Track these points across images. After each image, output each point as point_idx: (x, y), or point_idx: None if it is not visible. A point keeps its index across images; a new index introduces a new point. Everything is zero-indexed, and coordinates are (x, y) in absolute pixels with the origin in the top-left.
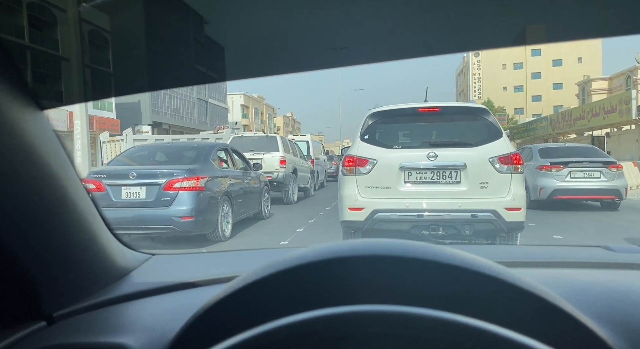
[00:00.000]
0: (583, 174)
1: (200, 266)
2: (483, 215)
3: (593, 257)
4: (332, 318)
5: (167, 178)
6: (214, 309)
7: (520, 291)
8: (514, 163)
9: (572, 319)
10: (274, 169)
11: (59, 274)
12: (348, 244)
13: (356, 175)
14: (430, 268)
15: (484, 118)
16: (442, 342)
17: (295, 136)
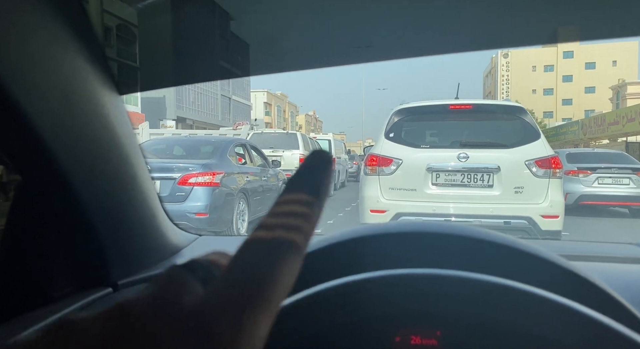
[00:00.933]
0: (611, 180)
1: None
2: (517, 222)
3: (625, 253)
4: (375, 280)
5: (182, 173)
6: None
7: (552, 264)
8: (552, 167)
9: (608, 296)
10: (294, 167)
11: (124, 245)
12: (394, 223)
13: (379, 176)
14: (498, 248)
15: (521, 118)
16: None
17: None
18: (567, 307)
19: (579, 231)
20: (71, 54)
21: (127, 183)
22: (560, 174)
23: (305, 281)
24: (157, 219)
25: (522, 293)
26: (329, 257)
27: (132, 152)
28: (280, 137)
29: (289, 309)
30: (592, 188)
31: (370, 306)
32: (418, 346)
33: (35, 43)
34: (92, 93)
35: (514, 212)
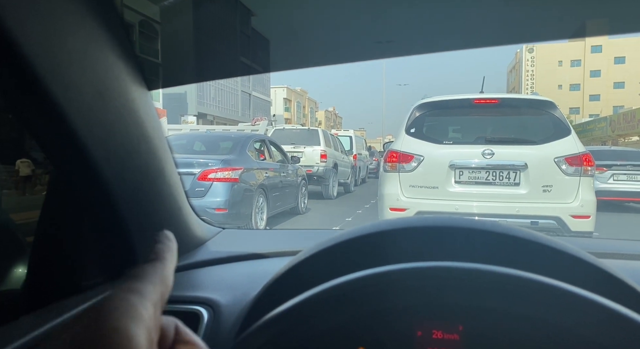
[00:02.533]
0: (626, 177)
1: (265, 240)
2: (545, 222)
3: None
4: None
5: (202, 168)
6: (290, 273)
7: (580, 261)
8: (583, 165)
9: (636, 293)
10: (315, 163)
11: (152, 237)
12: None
13: (399, 172)
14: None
15: (550, 113)
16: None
17: (338, 131)
18: (593, 301)
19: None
20: (105, 51)
21: (156, 177)
22: (591, 172)
23: (331, 272)
24: (183, 212)
25: (547, 286)
26: (355, 250)
27: (161, 147)
28: (301, 133)
29: (315, 300)
30: (607, 184)
31: (394, 298)
32: (440, 340)
33: (72, 42)
34: (124, 90)
35: (542, 212)
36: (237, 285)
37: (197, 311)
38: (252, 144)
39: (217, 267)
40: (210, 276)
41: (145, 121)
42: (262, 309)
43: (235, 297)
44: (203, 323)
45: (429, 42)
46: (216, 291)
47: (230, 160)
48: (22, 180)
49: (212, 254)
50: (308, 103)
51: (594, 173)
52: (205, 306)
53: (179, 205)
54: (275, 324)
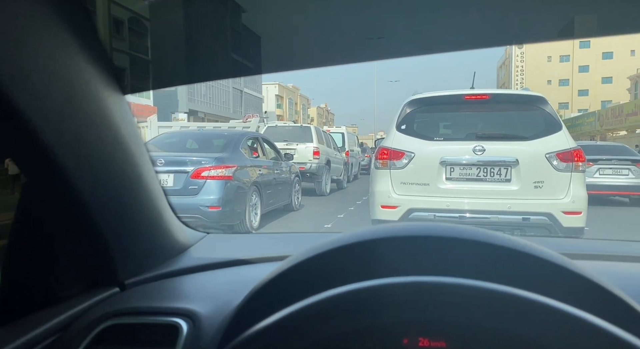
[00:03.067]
0: (612, 171)
1: (252, 245)
2: (536, 218)
3: (639, 251)
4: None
5: (195, 166)
6: (274, 282)
7: (566, 271)
8: (574, 160)
9: (621, 302)
10: (307, 160)
11: (130, 245)
12: (401, 225)
13: (390, 169)
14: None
15: (541, 108)
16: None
17: (331, 127)
18: (574, 317)
19: (591, 221)
20: (74, 56)
21: (133, 183)
22: (583, 167)
23: (318, 282)
24: (163, 218)
25: (524, 301)
26: (342, 259)
27: (137, 152)
28: (294, 130)
29: (300, 314)
30: (593, 178)
31: (376, 315)
32: (426, 348)
33: (38, 46)
34: (96, 95)
35: (534, 208)
36: (219, 294)
37: (175, 324)
38: (245, 142)
39: (200, 275)
40: (192, 284)
41: (121, 127)
42: (244, 321)
43: (217, 307)
44: (182, 336)
45: (419, 44)
46: (197, 301)
47: (224, 158)
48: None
49: (195, 261)
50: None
51: (585, 168)
52: (184, 317)
53: (159, 211)
54: (257, 339)
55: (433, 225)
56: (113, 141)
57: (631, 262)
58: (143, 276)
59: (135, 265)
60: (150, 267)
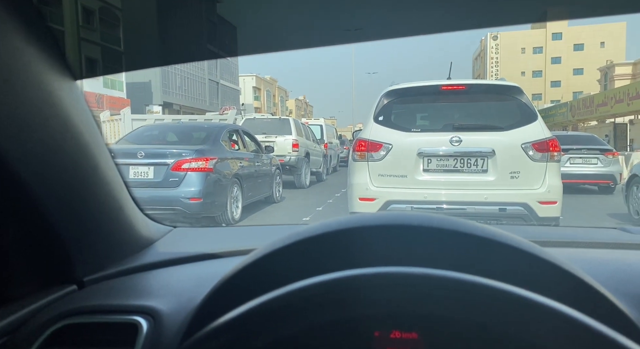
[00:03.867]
0: (582, 160)
1: (220, 239)
2: (513, 208)
3: (610, 238)
4: (350, 279)
5: (176, 159)
6: (238, 276)
7: (537, 258)
8: (550, 150)
9: (590, 288)
10: (287, 152)
11: (88, 240)
12: (369, 215)
13: (368, 162)
14: (449, 236)
15: (517, 99)
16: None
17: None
18: (545, 307)
19: None
20: (10, 36)
21: (88, 175)
22: (558, 157)
23: (284, 275)
24: (124, 211)
25: (494, 291)
26: (309, 250)
27: (92, 142)
28: (272, 123)
29: (264, 309)
30: (565, 167)
31: (345, 308)
32: (398, 339)
33: None
34: (40, 80)
35: (510, 198)
36: (183, 290)
37: (135, 322)
38: (225, 134)
39: (164, 270)
40: (155, 281)
41: (72, 114)
42: (207, 317)
43: (180, 304)
44: (142, 335)
45: (396, 27)
46: (159, 297)
47: (204, 150)
48: None
49: (159, 256)
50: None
51: (560, 158)
52: (144, 315)
53: (120, 204)
54: (219, 335)
55: (403, 213)
56: (63, 130)
57: (600, 249)
58: (103, 272)
59: (94, 261)
60: (111, 263)
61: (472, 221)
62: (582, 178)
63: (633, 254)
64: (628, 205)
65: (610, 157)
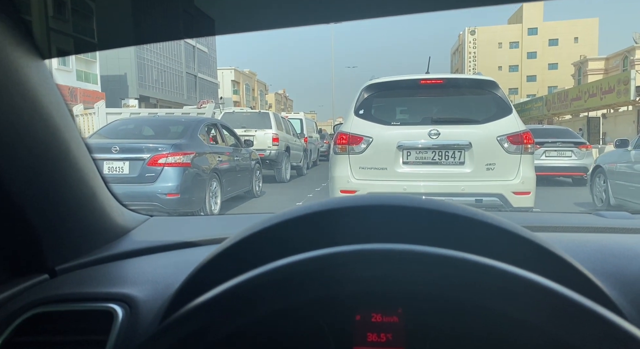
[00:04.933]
0: (556, 153)
1: (197, 227)
2: (488, 199)
3: (586, 222)
4: (328, 257)
5: (152, 153)
6: (216, 261)
7: (516, 236)
8: (524, 143)
9: (569, 265)
10: (266, 146)
11: (60, 228)
12: (349, 197)
13: (349, 155)
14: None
15: (493, 93)
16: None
17: (289, 113)
18: (529, 280)
19: None
20: None
21: (58, 159)
22: (531, 149)
23: (262, 258)
24: (98, 199)
25: (480, 266)
26: (285, 234)
27: (63, 125)
28: (252, 117)
29: (238, 290)
30: (540, 160)
31: (323, 287)
32: (379, 323)
33: None
34: (5, 57)
35: (486, 189)
36: (159, 278)
37: (110, 309)
38: (203, 128)
39: (139, 259)
40: (130, 269)
41: (40, 95)
42: (185, 303)
43: (156, 291)
44: (117, 322)
45: (377, 5)
46: (135, 285)
47: (181, 145)
48: None
49: (136, 244)
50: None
51: (534, 150)
52: (120, 303)
53: (93, 191)
54: (195, 316)
55: (381, 194)
56: (31, 111)
57: (577, 232)
58: (76, 261)
59: (66, 249)
60: (85, 252)
61: (454, 202)
62: (557, 170)
63: (608, 237)
64: (592, 194)
65: (584, 149)
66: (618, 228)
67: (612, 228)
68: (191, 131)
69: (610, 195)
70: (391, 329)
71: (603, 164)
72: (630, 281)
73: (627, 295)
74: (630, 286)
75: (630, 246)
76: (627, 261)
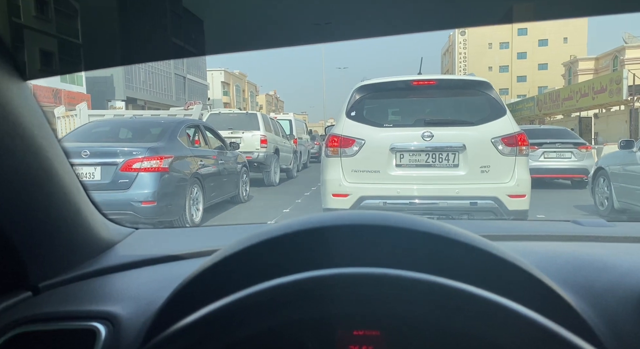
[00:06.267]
0: (555, 154)
1: (183, 240)
2: (483, 202)
3: (562, 230)
4: (311, 280)
5: (126, 158)
6: (200, 278)
7: (490, 255)
8: (519, 144)
9: (539, 283)
10: (255, 149)
11: (43, 245)
12: (328, 215)
13: (341, 157)
14: (406, 235)
15: (486, 93)
16: (422, 301)
17: (278, 114)
18: (497, 304)
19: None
20: None
21: (41, 177)
22: (526, 151)
23: (248, 277)
24: (82, 214)
25: (449, 289)
26: (272, 251)
27: (46, 145)
28: (239, 118)
29: (217, 313)
30: (539, 162)
31: (306, 310)
32: (361, 337)
33: None
34: None
35: (481, 192)
36: (143, 294)
37: (92, 328)
38: (184, 130)
39: (124, 274)
40: (114, 284)
41: (21, 116)
42: (168, 321)
43: (140, 308)
44: (100, 342)
45: (365, 27)
46: (118, 302)
47: (158, 148)
48: None
49: (120, 259)
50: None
51: (529, 152)
52: (103, 321)
53: (76, 206)
54: (179, 338)
55: (361, 213)
56: (12, 132)
57: (552, 241)
58: (60, 277)
59: (50, 265)
60: (69, 268)
61: (428, 219)
62: (556, 172)
63: (583, 246)
64: (594, 197)
65: (584, 150)
66: (594, 237)
67: (587, 237)
68: (170, 133)
69: (614, 198)
70: (373, 342)
71: (606, 166)
72: (599, 293)
73: (595, 308)
74: (599, 298)
75: (600, 257)
76: (596, 273)
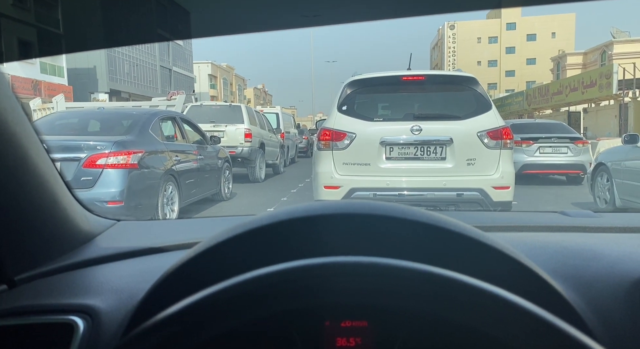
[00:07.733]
0: (551, 149)
1: (166, 232)
2: (469, 194)
3: (551, 221)
4: (298, 269)
5: (89, 153)
6: (182, 269)
7: (481, 244)
8: (503, 138)
9: (530, 272)
10: (238, 143)
11: (19, 236)
12: (315, 204)
13: (333, 150)
14: (400, 224)
15: (473, 89)
16: (415, 290)
17: (264, 107)
18: (488, 293)
19: (524, 199)
20: None
21: (15, 166)
22: (511, 145)
23: (231, 267)
24: (60, 204)
25: (439, 278)
26: (257, 241)
27: (21, 132)
28: (222, 110)
29: (201, 304)
30: (534, 157)
31: (293, 300)
32: (348, 328)
33: None
34: None
35: (467, 184)
36: (124, 286)
37: (70, 322)
38: (157, 123)
39: (104, 266)
40: (94, 277)
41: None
42: (149, 314)
43: (120, 301)
44: (78, 336)
45: (355, 10)
46: (97, 295)
47: (126, 142)
48: None
49: (100, 251)
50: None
51: (513, 145)
52: (81, 314)
53: (54, 196)
54: (161, 329)
55: (349, 202)
56: None
57: (541, 232)
58: (37, 270)
59: (27, 258)
60: (47, 260)
61: (419, 208)
62: (552, 168)
63: (570, 236)
64: (594, 194)
65: (581, 145)
66: (582, 227)
67: (576, 227)
68: (141, 126)
69: (616, 195)
70: (360, 333)
71: (606, 161)
72: (588, 282)
73: (584, 297)
74: (588, 287)
75: (589, 246)
76: (585, 262)
